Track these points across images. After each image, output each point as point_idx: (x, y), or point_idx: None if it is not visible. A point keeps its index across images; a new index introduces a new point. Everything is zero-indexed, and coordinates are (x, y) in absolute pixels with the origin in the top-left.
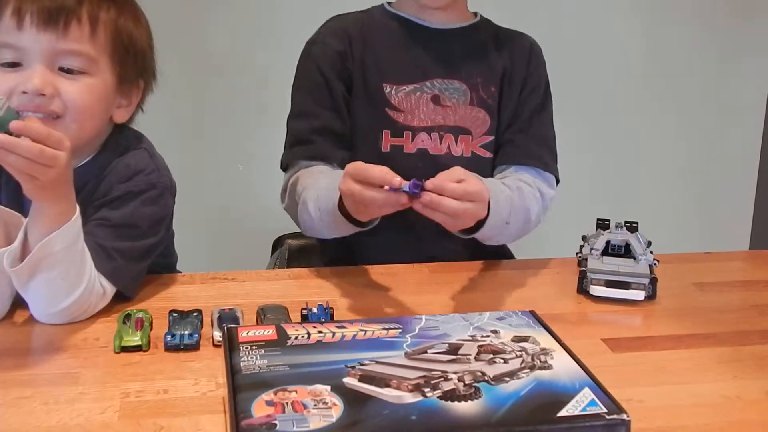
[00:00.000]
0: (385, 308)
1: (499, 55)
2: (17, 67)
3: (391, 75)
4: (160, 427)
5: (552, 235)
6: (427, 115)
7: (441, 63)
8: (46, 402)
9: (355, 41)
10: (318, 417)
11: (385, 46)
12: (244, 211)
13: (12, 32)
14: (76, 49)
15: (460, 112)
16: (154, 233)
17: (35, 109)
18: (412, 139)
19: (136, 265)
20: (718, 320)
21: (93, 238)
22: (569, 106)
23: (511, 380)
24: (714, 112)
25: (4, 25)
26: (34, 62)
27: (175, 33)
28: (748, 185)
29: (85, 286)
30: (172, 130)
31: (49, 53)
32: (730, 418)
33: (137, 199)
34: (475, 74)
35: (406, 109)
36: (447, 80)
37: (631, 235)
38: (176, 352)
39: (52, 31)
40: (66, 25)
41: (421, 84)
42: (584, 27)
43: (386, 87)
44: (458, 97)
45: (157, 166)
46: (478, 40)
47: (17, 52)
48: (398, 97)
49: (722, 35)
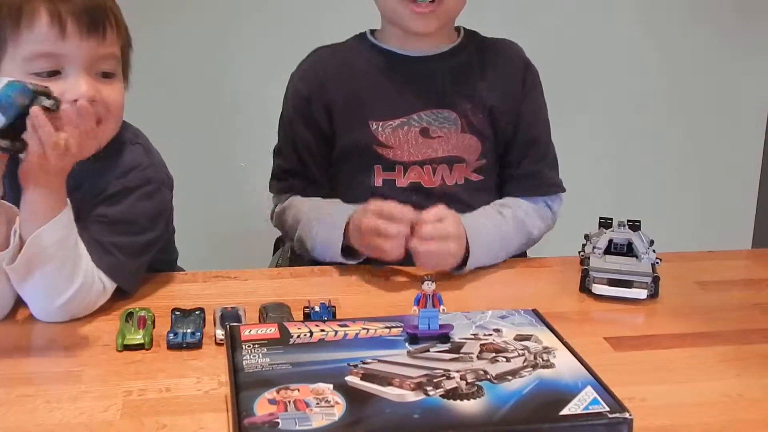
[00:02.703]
0: (387, 307)
1: (488, 73)
2: (56, 76)
3: (375, 111)
4: (163, 425)
5: (554, 234)
6: (417, 150)
7: (426, 93)
8: (49, 400)
9: (330, 82)
10: (320, 415)
11: (367, 81)
12: (246, 210)
13: (52, 40)
14: (112, 53)
15: (452, 141)
16: (152, 228)
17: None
18: (404, 173)
19: (135, 260)
20: (721, 319)
21: (90, 234)
22: (572, 106)
23: (514, 379)
24: (716, 110)
25: (40, 33)
26: (76, 69)
27: (175, 33)
28: (751, 184)
29: (82, 282)
30: (173, 129)
31: (91, 59)
32: (732, 417)
33: (133, 194)
34: (463, 100)
35: (394, 145)
36: (435, 110)
37: (634, 233)
38: (179, 350)
39: (94, 37)
40: (104, 28)
41: (408, 117)
42: (587, 27)
43: (372, 124)
44: (449, 126)
45: (152, 161)
46: (463, 61)
47: (58, 61)
48: (385, 133)
49: (725, 35)
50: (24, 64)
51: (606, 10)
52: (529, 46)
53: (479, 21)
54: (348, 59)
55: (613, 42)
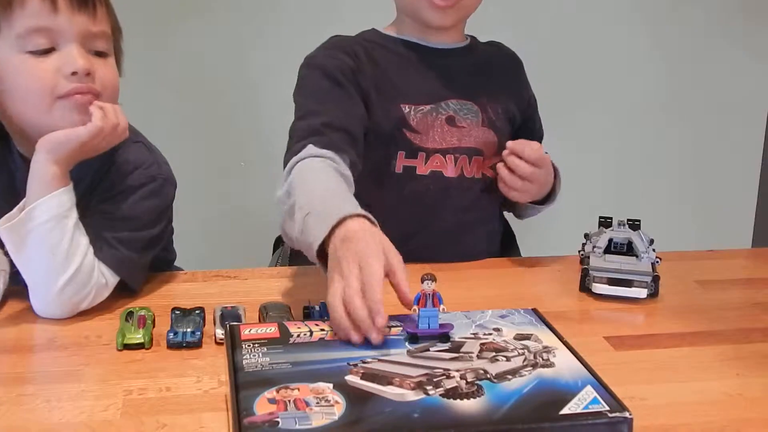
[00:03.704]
0: (388, 306)
1: (497, 73)
2: (51, 53)
3: (407, 95)
4: (163, 424)
5: (554, 233)
6: (442, 138)
7: (451, 84)
8: (49, 399)
9: (364, 61)
10: (320, 415)
11: (395, 67)
12: (246, 210)
13: (45, 15)
14: (104, 30)
15: (474, 133)
16: (155, 225)
17: (87, 89)
18: (425, 161)
19: (139, 256)
20: (721, 318)
21: (94, 229)
22: (572, 105)
23: (514, 378)
24: (716, 110)
25: (33, 9)
26: (70, 44)
27: (175, 33)
28: (751, 183)
29: (78, 266)
30: (172, 128)
31: (84, 35)
32: (732, 416)
33: (137, 192)
34: (481, 94)
35: (422, 131)
36: (460, 101)
37: (634, 232)
38: (179, 349)
39: (85, 12)
40: (94, 5)
41: (437, 104)
42: (587, 27)
43: (405, 107)
44: (471, 117)
45: (155, 159)
46: (476, 60)
47: (52, 36)
48: (417, 118)
49: (725, 35)
50: (18, 42)
51: (606, 9)
52: (529, 45)
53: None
54: (369, 47)
55: (613, 42)
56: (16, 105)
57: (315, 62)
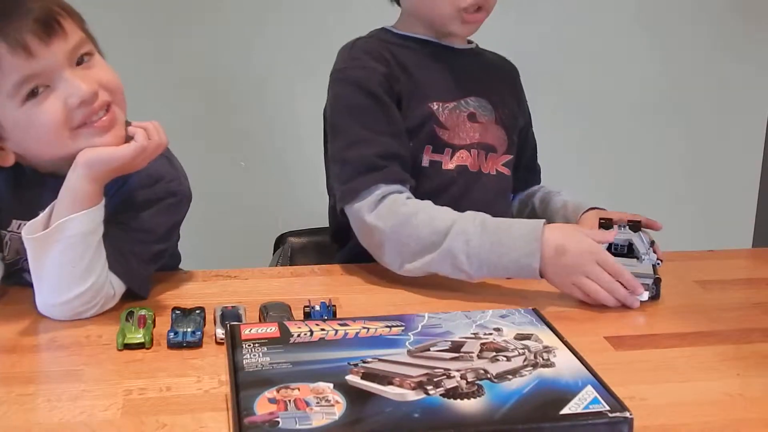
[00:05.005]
0: (388, 306)
1: (502, 78)
2: (48, 89)
3: (434, 92)
4: (163, 424)
5: None
6: (465, 133)
7: (469, 81)
8: (49, 399)
9: (393, 64)
10: (320, 414)
11: (418, 66)
12: (246, 210)
13: (23, 64)
14: (80, 38)
15: (490, 129)
16: (166, 239)
17: (100, 108)
18: (451, 156)
19: (148, 267)
20: (721, 318)
21: (110, 240)
22: (572, 106)
23: (514, 378)
24: (717, 111)
25: (8, 64)
26: (62, 73)
27: (176, 33)
28: (751, 183)
29: (94, 281)
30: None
31: (66, 57)
32: (732, 416)
33: (156, 206)
34: (494, 93)
35: (450, 127)
36: (478, 98)
37: (634, 234)
38: (179, 349)
39: (56, 37)
40: (61, 26)
41: (459, 101)
42: (587, 27)
43: (433, 104)
44: (488, 115)
45: (177, 174)
46: (485, 62)
47: (40, 78)
48: (444, 114)
49: (725, 35)
50: (12, 99)
51: (607, 10)
52: (529, 46)
53: None
54: (393, 49)
55: (614, 42)
56: (33, 148)
57: (348, 77)
